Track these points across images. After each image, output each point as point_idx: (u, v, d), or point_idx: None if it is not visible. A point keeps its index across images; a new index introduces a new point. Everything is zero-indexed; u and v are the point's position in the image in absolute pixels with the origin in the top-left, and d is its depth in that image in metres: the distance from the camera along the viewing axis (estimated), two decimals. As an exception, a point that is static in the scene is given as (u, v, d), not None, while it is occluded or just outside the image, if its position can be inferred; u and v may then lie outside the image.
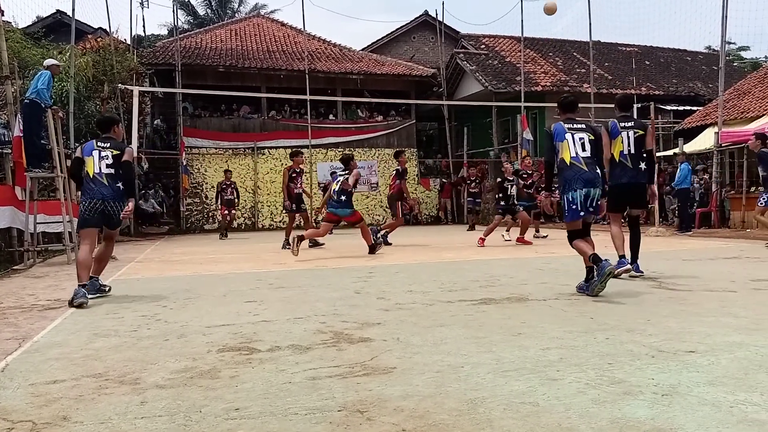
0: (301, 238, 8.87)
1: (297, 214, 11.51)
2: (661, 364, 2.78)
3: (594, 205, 5.03)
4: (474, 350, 3.13)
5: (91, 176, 5.51)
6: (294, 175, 11.14)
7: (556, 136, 5.11)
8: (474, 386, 2.52)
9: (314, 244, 10.81)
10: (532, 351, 3.08)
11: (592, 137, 5.09)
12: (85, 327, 4.00)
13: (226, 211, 15.40)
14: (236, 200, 15.62)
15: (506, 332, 3.54)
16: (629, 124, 5.94)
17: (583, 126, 5.19)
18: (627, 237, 6.12)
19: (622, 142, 5.84)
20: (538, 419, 2.12)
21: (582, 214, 5.05)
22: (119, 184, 5.54)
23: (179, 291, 5.65)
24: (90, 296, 5.12)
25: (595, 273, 4.81)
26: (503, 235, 11.17)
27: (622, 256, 5.86)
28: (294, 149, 13.17)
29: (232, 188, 15.34)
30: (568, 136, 5.05)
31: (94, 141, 5.68)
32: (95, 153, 5.59)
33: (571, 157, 5.01)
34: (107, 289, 5.63)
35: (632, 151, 5.84)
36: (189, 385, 2.63)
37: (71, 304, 4.88)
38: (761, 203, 9.48)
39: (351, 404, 2.32)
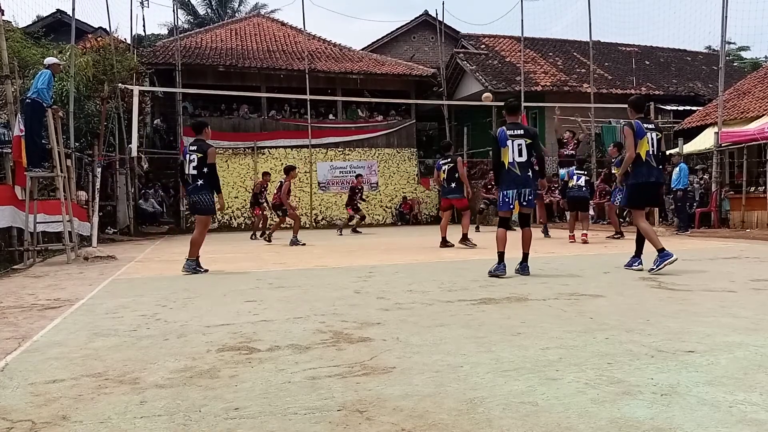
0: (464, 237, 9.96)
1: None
2: (661, 364, 2.78)
3: (527, 199, 6.22)
4: (473, 350, 3.13)
5: (186, 175, 7.35)
6: (264, 187, 14.09)
7: (501, 142, 6.20)
8: (473, 386, 2.52)
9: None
10: (532, 351, 3.08)
11: (528, 141, 6.16)
12: (85, 326, 4.00)
13: (259, 212, 15.57)
14: (266, 202, 15.65)
15: (506, 332, 3.54)
16: (651, 126, 6.33)
17: (522, 132, 6.21)
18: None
19: (648, 143, 6.06)
20: (537, 419, 2.12)
21: (512, 206, 6.27)
22: (199, 182, 7.13)
23: (179, 290, 5.65)
24: (185, 272, 7.03)
25: (519, 266, 6.21)
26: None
27: (662, 250, 6.00)
28: (288, 165, 13.94)
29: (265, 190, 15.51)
30: (509, 142, 6.16)
31: (188, 145, 7.40)
32: (187, 156, 7.28)
33: (509, 162, 6.17)
34: (203, 270, 7.20)
35: (655, 152, 6.13)
36: (188, 384, 2.63)
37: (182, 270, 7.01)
38: None
39: (350, 404, 2.32)
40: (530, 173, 6.23)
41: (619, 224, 12.03)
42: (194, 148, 7.24)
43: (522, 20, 20.22)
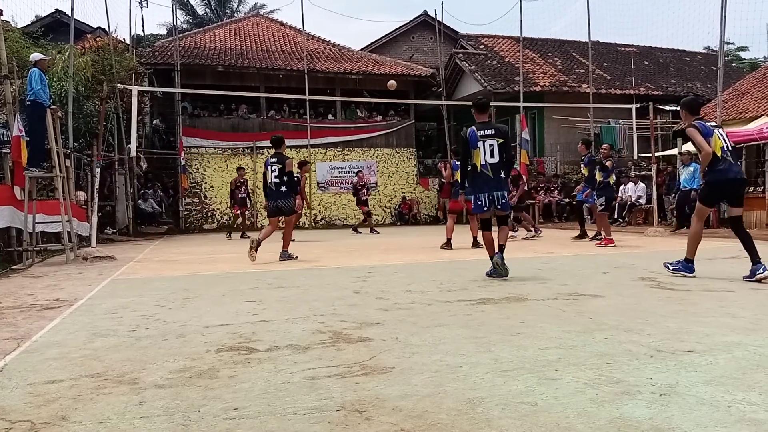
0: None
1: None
2: (660, 364, 2.78)
3: (501, 202, 6.03)
4: (472, 350, 3.13)
5: (267, 184, 8.55)
6: (239, 183, 14.68)
7: (471, 143, 5.96)
8: (472, 386, 2.52)
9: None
10: (531, 351, 3.08)
11: (500, 141, 5.95)
12: (84, 327, 4.00)
13: (238, 210, 15.16)
14: (248, 200, 15.32)
15: (505, 332, 3.54)
16: (713, 123, 6.03)
17: (493, 131, 5.98)
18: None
19: (720, 138, 5.70)
20: (537, 419, 2.13)
21: (486, 209, 6.06)
22: (283, 188, 8.45)
23: (178, 291, 5.65)
24: (282, 260, 8.35)
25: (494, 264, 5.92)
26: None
27: (690, 261, 5.76)
28: (238, 166, 15.95)
29: (246, 186, 15.08)
30: (480, 144, 5.92)
31: (269, 157, 8.70)
32: (269, 167, 8.58)
33: (481, 165, 5.94)
34: (295, 257, 8.51)
35: (729, 148, 5.78)
36: (187, 384, 2.63)
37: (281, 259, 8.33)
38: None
39: (349, 404, 2.32)
40: (503, 175, 6.07)
41: (584, 225, 11.43)
42: (275, 160, 8.57)
43: (521, 20, 20.27)
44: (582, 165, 11.41)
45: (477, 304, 4.56)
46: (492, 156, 5.93)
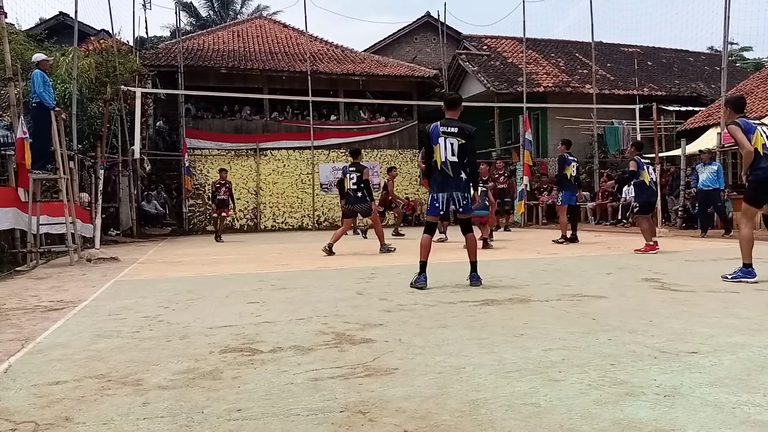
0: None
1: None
2: (664, 365, 2.78)
3: (462, 204, 5.64)
4: (476, 351, 3.13)
5: (346, 190, 10.08)
6: (218, 185, 14.54)
7: (432, 138, 5.64)
8: (476, 387, 2.51)
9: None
10: (534, 352, 3.08)
11: (462, 141, 5.55)
12: (88, 328, 4.01)
13: (215, 213, 15.00)
14: (229, 201, 14.87)
15: (508, 333, 3.54)
16: (756, 121, 5.84)
17: (456, 130, 5.60)
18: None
19: (763, 135, 5.54)
20: (540, 420, 2.12)
21: (441, 212, 5.72)
22: (359, 194, 9.70)
23: (182, 292, 5.66)
24: (382, 252, 9.45)
25: (418, 274, 5.56)
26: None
27: (748, 265, 5.44)
28: (220, 167, 16.35)
29: (226, 188, 14.69)
30: (441, 140, 5.57)
31: (347, 166, 9.97)
32: (347, 175, 9.94)
33: (441, 162, 5.57)
34: (393, 249, 9.63)
35: None
36: (191, 386, 2.63)
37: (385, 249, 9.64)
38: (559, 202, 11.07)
39: (353, 405, 2.32)
40: (463, 175, 5.61)
41: (566, 227, 11.18)
42: (353, 169, 9.82)
43: (524, 21, 20.26)
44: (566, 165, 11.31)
45: (480, 305, 4.56)
46: (453, 154, 5.54)
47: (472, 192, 5.81)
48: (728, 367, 2.74)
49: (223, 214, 15.03)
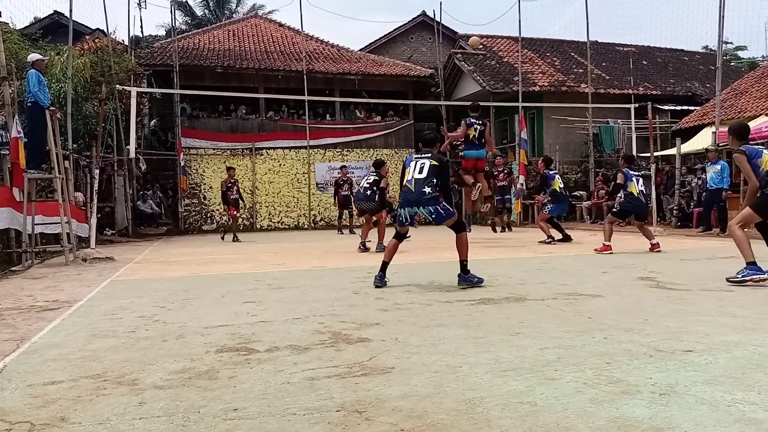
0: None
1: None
2: (659, 364, 2.79)
3: (433, 217, 5.64)
4: (472, 350, 3.13)
5: (358, 188, 10.66)
6: (230, 185, 14.46)
7: (406, 163, 5.88)
8: (472, 386, 2.52)
9: None
10: (530, 351, 3.09)
11: (435, 163, 5.65)
12: (83, 328, 4.00)
13: (229, 213, 14.78)
14: (240, 200, 14.86)
15: (504, 332, 3.54)
16: (759, 146, 5.99)
17: (430, 155, 5.75)
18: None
19: None
20: (536, 419, 2.13)
21: (407, 223, 5.85)
22: (369, 192, 9.85)
23: (177, 292, 5.65)
24: (377, 251, 9.41)
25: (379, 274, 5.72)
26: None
27: (751, 263, 5.35)
28: (228, 166, 16.23)
29: (237, 187, 14.66)
30: (412, 163, 5.77)
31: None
32: (365, 179, 10.26)
33: (406, 180, 5.75)
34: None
35: None
36: (187, 385, 2.63)
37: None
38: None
39: (349, 404, 2.32)
40: (426, 189, 5.54)
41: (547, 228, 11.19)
42: (374, 172, 10.10)
43: (519, 20, 20.27)
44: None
45: (476, 304, 4.57)
46: (420, 172, 5.62)
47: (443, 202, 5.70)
48: (723, 365, 2.75)
49: (236, 213, 14.93)
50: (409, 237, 14.42)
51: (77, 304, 5.03)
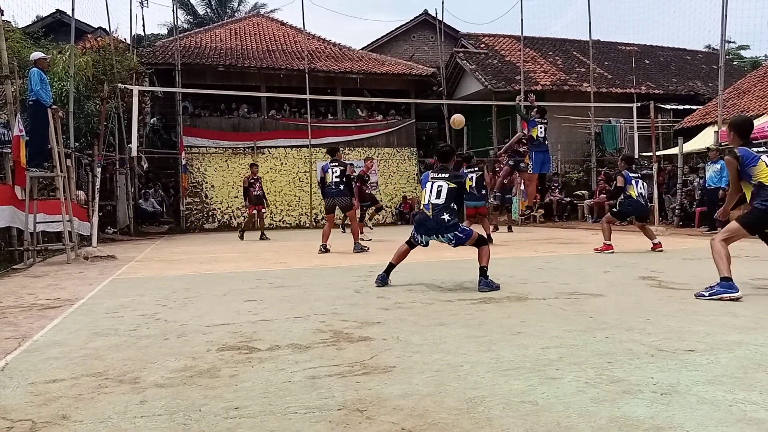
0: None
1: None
2: (661, 363, 2.78)
3: (453, 243, 5.59)
4: (473, 349, 3.13)
5: (328, 183, 9.63)
6: (252, 180, 14.22)
7: (422, 184, 5.82)
8: (473, 385, 2.52)
9: None
10: (532, 350, 3.08)
11: (452, 185, 5.54)
12: (85, 326, 4.00)
13: (254, 210, 14.37)
14: (263, 197, 14.48)
15: (506, 331, 3.54)
16: (762, 149, 5.30)
17: (447, 175, 5.63)
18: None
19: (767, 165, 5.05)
20: (538, 418, 2.12)
21: (422, 244, 5.86)
22: (342, 187, 9.56)
23: (179, 290, 5.65)
24: (356, 251, 9.42)
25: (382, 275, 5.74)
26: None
27: (725, 279, 4.82)
28: (251, 162, 15.98)
29: (260, 184, 14.39)
30: (428, 184, 5.66)
31: (328, 163, 9.83)
32: (329, 170, 9.62)
33: (423, 204, 5.69)
34: (367, 249, 9.66)
35: None
36: (188, 384, 2.63)
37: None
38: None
39: (350, 403, 2.32)
40: (446, 216, 5.45)
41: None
42: (335, 164, 9.67)
43: (522, 19, 20.26)
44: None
45: (478, 303, 4.56)
46: (438, 197, 5.51)
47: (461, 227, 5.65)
48: (725, 365, 2.74)
49: (263, 210, 14.64)
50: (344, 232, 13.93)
51: (79, 303, 5.04)
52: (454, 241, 5.56)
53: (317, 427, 2.09)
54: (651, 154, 14.63)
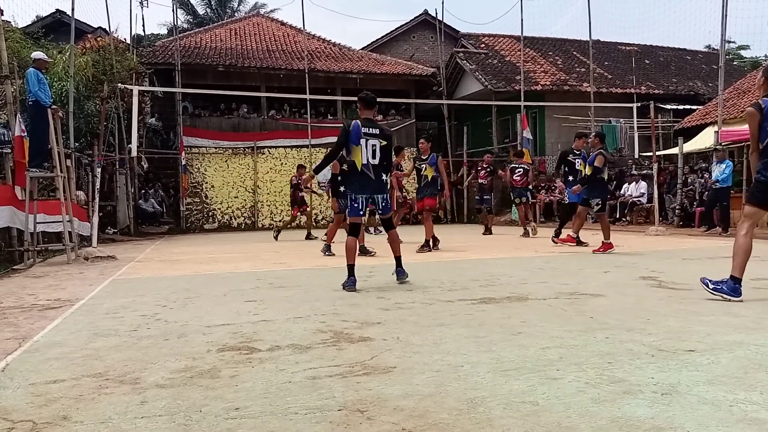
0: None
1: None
2: (661, 363, 2.78)
3: (382, 206, 5.72)
4: (474, 349, 3.13)
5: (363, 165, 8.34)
6: (296, 182, 14.02)
7: (352, 138, 5.54)
8: (474, 385, 2.52)
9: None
10: (532, 350, 3.08)
11: (383, 143, 5.61)
12: (85, 327, 4.00)
13: (299, 211, 14.43)
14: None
15: (506, 331, 3.54)
16: None
17: (377, 132, 5.63)
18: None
19: None
20: (538, 418, 2.12)
21: (362, 212, 5.71)
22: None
23: (179, 290, 5.65)
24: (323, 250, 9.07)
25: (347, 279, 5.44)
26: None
27: (735, 279, 4.50)
28: (298, 164, 15.64)
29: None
30: (363, 141, 5.53)
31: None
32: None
33: (362, 164, 5.56)
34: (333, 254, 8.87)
35: None
36: (189, 384, 2.63)
37: None
38: None
39: (351, 403, 2.32)
40: (384, 177, 5.68)
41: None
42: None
43: (522, 19, 20.28)
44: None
45: (478, 303, 4.56)
46: (374, 157, 5.57)
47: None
48: (725, 365, 2.74)
49: (308, 210, 14.82)
50: (380, 231, 13.97)
51: (79, 303, 5.04)
52: (384, 204, 5.71)
53: (318, 428, 2.09)
54: (651, 154, 14.63)
